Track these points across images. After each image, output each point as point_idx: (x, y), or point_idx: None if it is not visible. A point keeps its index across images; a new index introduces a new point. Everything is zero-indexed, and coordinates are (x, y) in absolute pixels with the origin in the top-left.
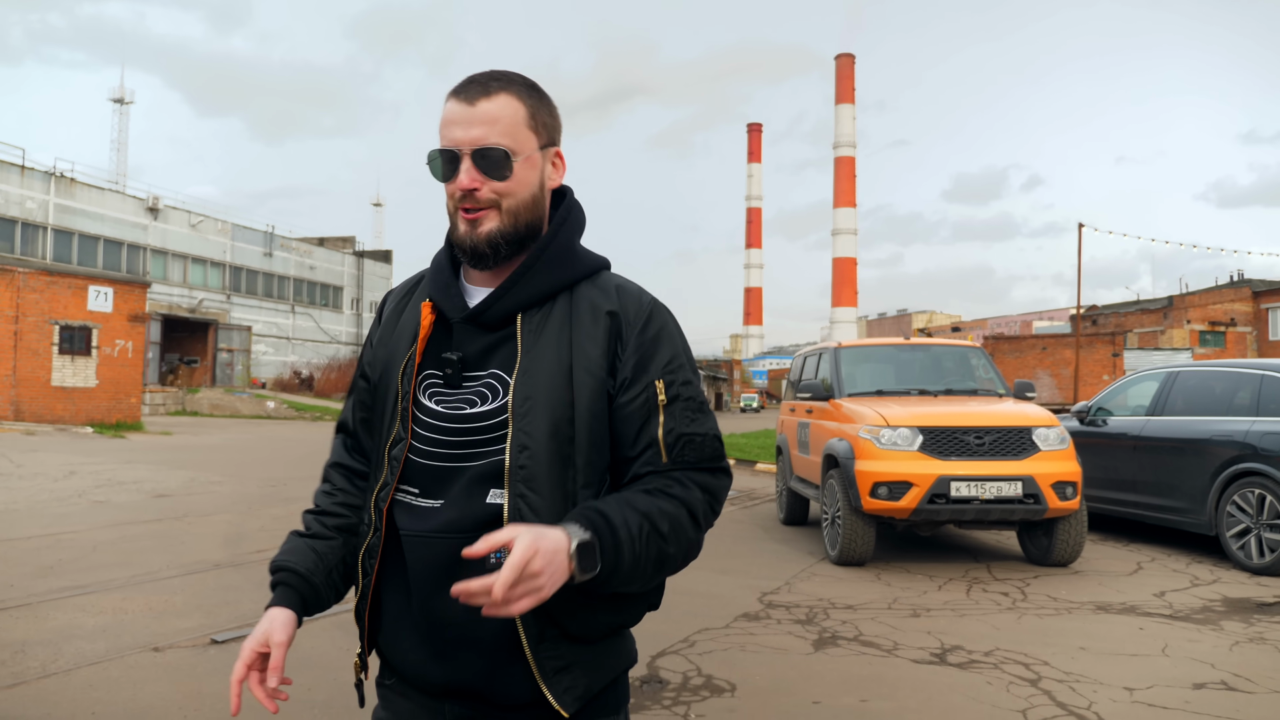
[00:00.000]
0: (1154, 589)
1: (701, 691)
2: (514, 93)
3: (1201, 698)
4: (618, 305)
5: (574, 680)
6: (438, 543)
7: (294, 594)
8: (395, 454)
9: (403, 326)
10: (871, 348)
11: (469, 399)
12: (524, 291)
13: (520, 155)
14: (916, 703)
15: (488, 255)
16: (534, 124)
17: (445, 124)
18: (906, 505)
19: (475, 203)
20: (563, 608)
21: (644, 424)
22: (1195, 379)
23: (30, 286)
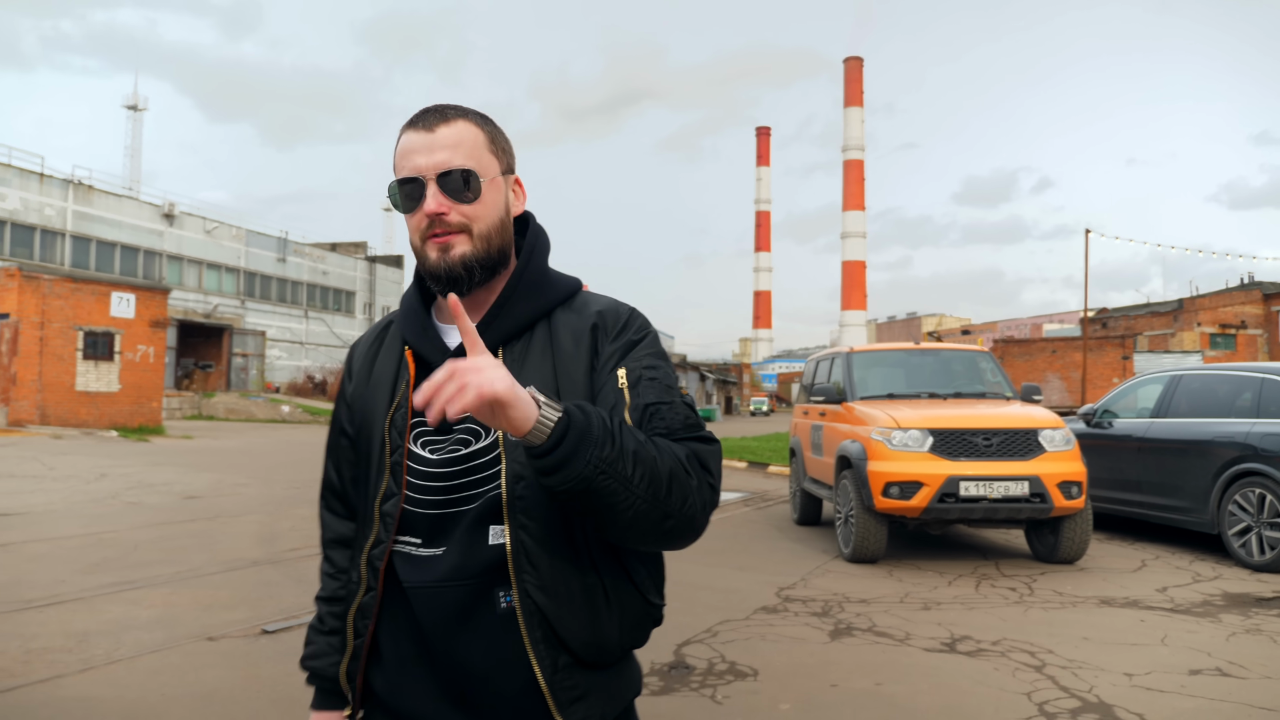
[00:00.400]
0: (1156, 584)
1: (726, 676)
2: (471, 119)
3: (1196, 682)
4: (596, 319)
5: (589, 710)
6: (446, 592)
7: (332, 697)
8: (388, 509)
9: (377, 377)
10: (882, 352)
11: (462, 440)
12: (503, 325)
13: (485, 177)
14: (928, 686)
15: (462, 278)
16: (494, 149)
17: (404, 154)
18: (917, 504)
19: (445, 226)
20: (571, 629)
21: (610, 411)
22: (1198, 382)
23: (55, 293)
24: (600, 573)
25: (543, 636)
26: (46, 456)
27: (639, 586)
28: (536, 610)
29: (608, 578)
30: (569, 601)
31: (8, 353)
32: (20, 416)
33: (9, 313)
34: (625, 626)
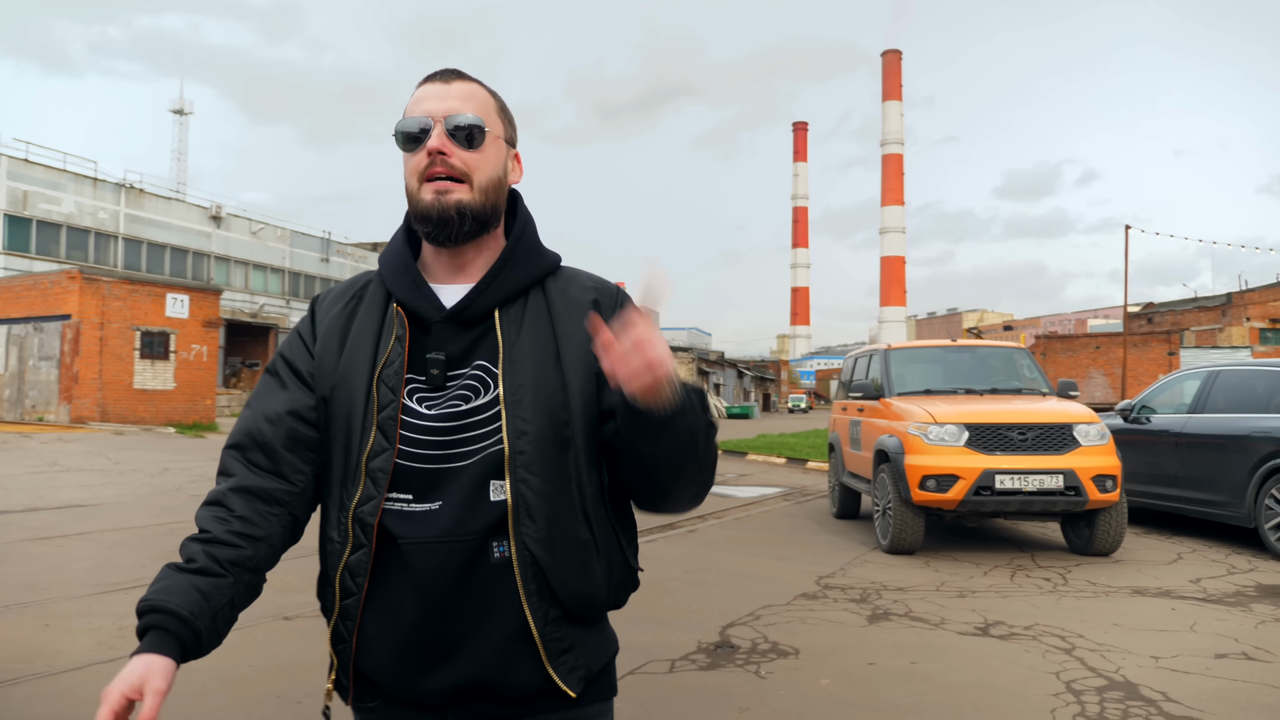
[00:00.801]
0: (1190, 576)
1: (769, 655)
2: (484, 86)
3: (1220, 665)
4: (595, 294)
5: (576, 661)
6: (444, 548)
7: (172, 640)
8: (378, 465)
9: (357, 336)
10: (920, 349)
11: (461, 396)
12: (502, 287)
13: (492, 133)
14: (961, 665)
15: (454, 221)
16: (501, 116)
17: (416, 101)
18: (953, 497)
19: (447, 168)
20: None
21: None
22: (1236, 378)
23: (114, 295)
24: (593, 530)
25: (536, 589)
26: (111, 452)
27: (623, 548)
28: (533, 562)
29: (599, 535)
30: (564, 555)
31: (70, 352)
32: (82, 414)
33: (71, 314)
34: (612, 584)
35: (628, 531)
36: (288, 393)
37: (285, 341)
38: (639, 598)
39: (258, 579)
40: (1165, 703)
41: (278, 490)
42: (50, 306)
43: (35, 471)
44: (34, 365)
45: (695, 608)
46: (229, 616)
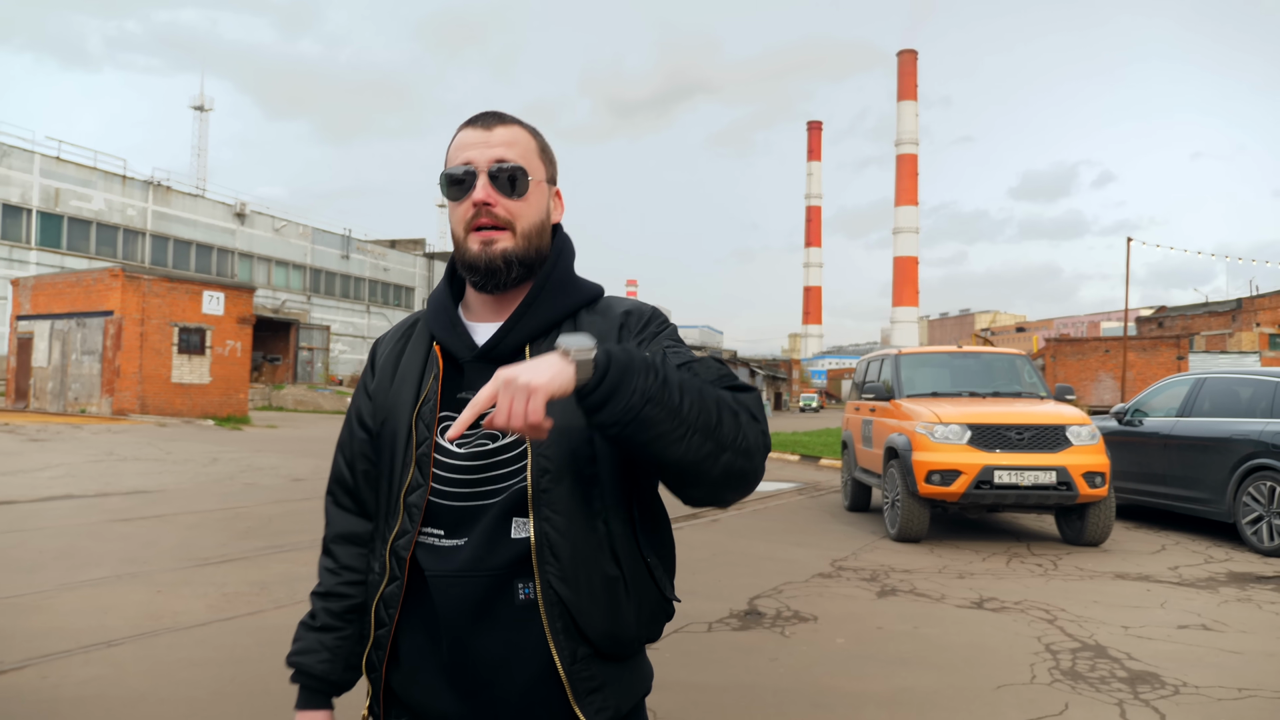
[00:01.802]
0: (1170, 564)
1: (791, 620)
2: (525, 127)
3: (1180, 633)
4: (622, 319)
5: (605, 701)
6: (467, 581)
7: (320, 695)
8: (414, 500)
9: (403, 372)
10: (928, 354)
11: (489, 435)
12: (531, 323)
13: (534, 178)
14: (956, 630)
15: (501, 271)
16: (543, 157)
17: (459, 148)
18: (956, 490)
19: (491, 218)
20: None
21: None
22: (1221, 384)
23: (154, 292)
24: (621, 565)
25: (563, 627)
26: (159, 443)
27: (656, 579)
28: (558, 601)
29: (628, 570)
30: (590, 593)
31: (112, 347)
32: (123, 406)
33: (113, 310)
34: (643, 619)
35: (664, 562)
36: (357, 438)
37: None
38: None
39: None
40: (1128, 660)
41: (364, 530)
42: (93, 303)
43: (96, 460)
44: (76, 359)
45: (724, 583)
46: (358, 651)
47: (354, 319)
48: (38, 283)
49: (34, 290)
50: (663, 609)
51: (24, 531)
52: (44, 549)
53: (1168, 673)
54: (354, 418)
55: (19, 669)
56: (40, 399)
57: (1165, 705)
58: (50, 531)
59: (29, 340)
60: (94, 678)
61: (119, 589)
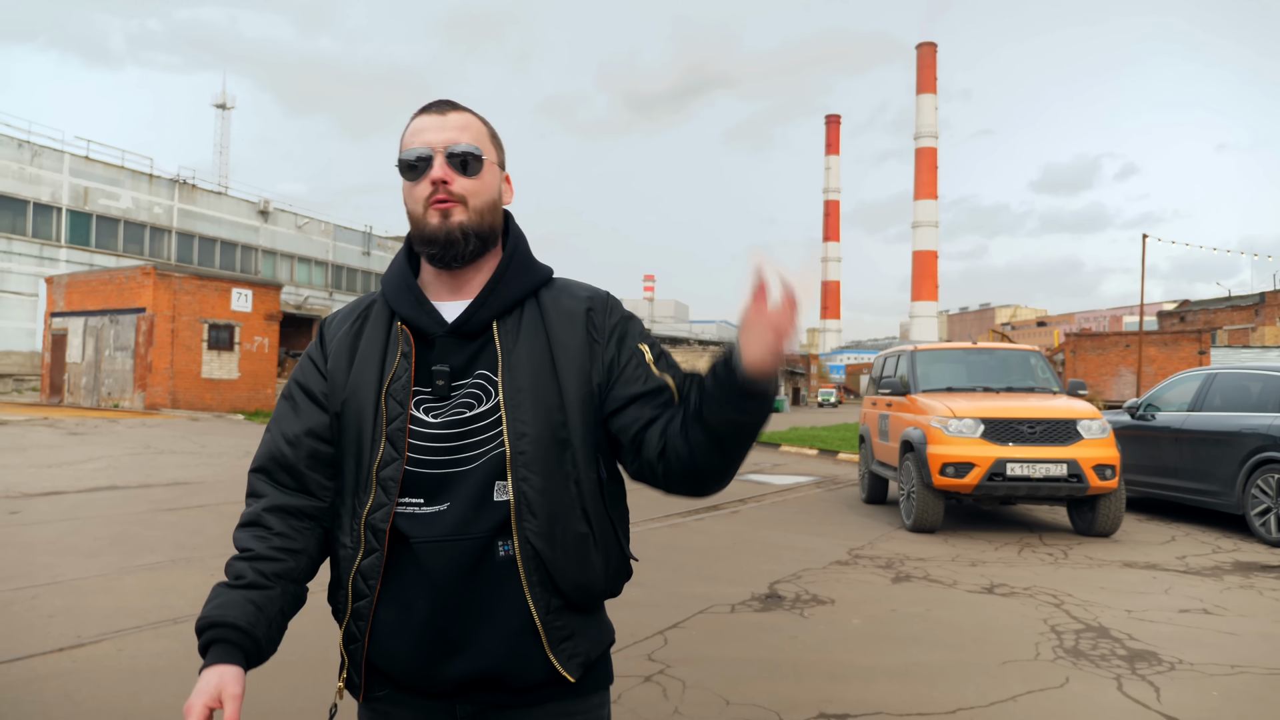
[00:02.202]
0: (1178, 554)
1: (810, 603)
2: (475, 114)
3: (1181, 617)
4: (588, 302)
5: (576, 648)
6: (455, 545)
7: (236, 650)
8: (389, 474)
9: (364, 353)
10: (943, 350)
11: (465, 403)
12: (498, 300)
13: (487, 159)
14: (967, 612)
15: (459, 242)
16: (493, 142)
17: (414, 132)
18: (970, 482)
19: (448, 195)
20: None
21: (646, 377)
22: (1231, 380)
23: (184, 289)
24: (591, 523)
25: (539, 580)
26: (193, 436)
27: (620, 538)
28: (535, 555)
29: (597, 527)
30: (564, 548)
31: (144, 343)
32: (155, 401)
33: (145, 307)
34: (609, 574)
35: (623, 523)
36: (303, 415)
37: (297, 366)
38: (699, 560)
39: (301, 589)
40: (1129, 641)
41: (307, 506)
42: (126, 300)
43: (134, 453)
44: (110, 355)
45: (745, 569)
46: (280, 625)
47: None
48: (71, 280)
49: (68, 288)
50: (624, 567)
51: (77, 520)
52: (99, 536)
53: (1165, 651)
54: (301, 395)
55: (96, 643)
56: (74, 394)
57: (1160, 680)
58: (102, 520)
59: (63, 336)
60: (165, 650)
61: (175, 572)
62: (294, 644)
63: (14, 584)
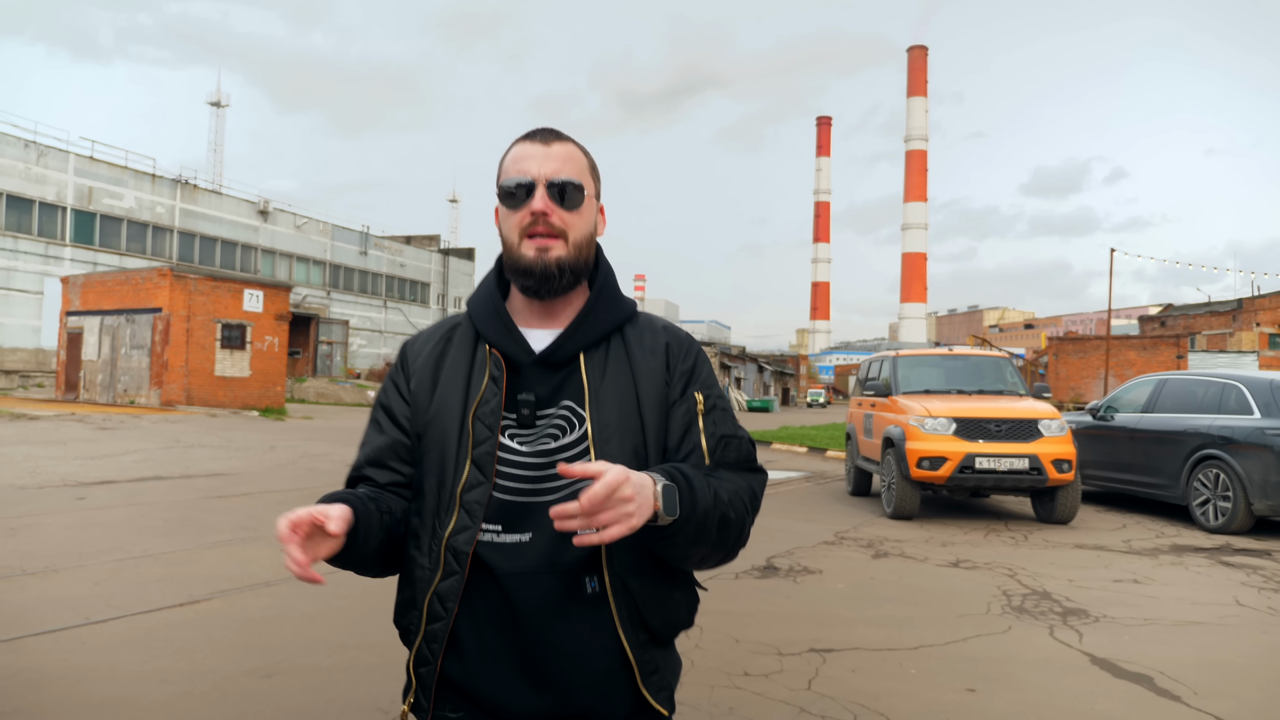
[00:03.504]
0: (1125, 538)
1: (801, 573)
2: (577, 144)
3: (1114, 585)
4: (667, 340)
5: (663, 681)
6: (542, 579)
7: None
8: (474, 497)
9: (449, 376)
10: (923, 356)
11: (550, 434)
12: (587, 333)
13: (587, 192)
14: (933, 580)
15: (555, 277)
16: (593, 174)
17: (517, 159)
18: (943, 474)
19: (547, 227)
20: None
21: (686, 430)
22: (1179, 385)
23: (199, 290)
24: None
25: (629, 615)
26: (216, 431)
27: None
28: (625, 590)
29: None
30: (652, 585)
31: (160, 342)
32: (170, 398)
33: (161, 307)
34: (687, 608)
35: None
36: (385, 436)
37: (381, 389)
38: None
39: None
40: (1065, 601)
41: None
42: (142, 300)
43: (167, 447)
44: (126, 353)
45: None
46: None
47: (372, 314)
48: (87, 280)
49: (83, 288)
50: (696, 599)
51: (140, 505)
52: (166, 519)
53: (1094, 609)
54: (384, 418)
55: (208, 600)
56: (90, 390)
57: (1084, 628)
58: (162, 506)
59: (79, 335)
60: (268, 605)
61: (249, 549)
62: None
63: (115, 556)
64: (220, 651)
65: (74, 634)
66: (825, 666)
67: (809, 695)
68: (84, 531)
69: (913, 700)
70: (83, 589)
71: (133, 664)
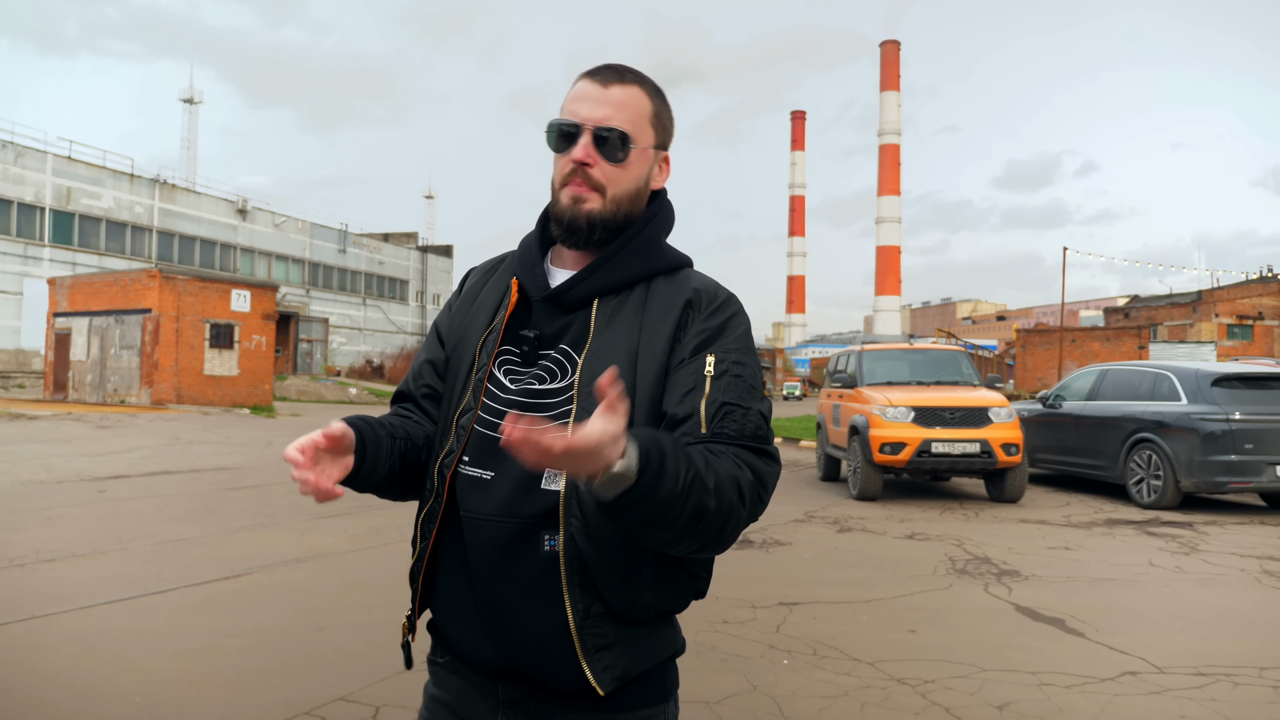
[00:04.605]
0: (1066, 514)
1: (774, 545)
2: (644, 88)
3: (1047, 552)
4: (692, 295)
5: (614, 659)
6: (493, 526)
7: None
8: (464, 423)
9: (482, 301)
10: (887, 351)
11: (539, 375)
12: (605, 278)
13: (637, 145)
14: (889, 549)
15: (583, 230)
16: (656, 122)
17: (572, 99)
18: (902, 458)
19: (586, 178)
20: (607, 580)
21: (687, 393)
22: (1119, 375)
23: (188, 290)
24: None
25: (579, 581)
26: (213, 429)
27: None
28: (578, 555)
29: None
30: (610, 552)
31: (150, 342)
32: (160, 396)
33: (151, 308)
34: (661, 587)
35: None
36: (429, 350)
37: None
38: None
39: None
40: (1002, 564)
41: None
42: (131, 301)
43: (168, 444)
44: (115, 353)
45: None
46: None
47: (351, 311)
48: (75, 282)
49: (71, 289)
50: (689, 584)
51: (159, 497)
52: (189, 509)
53: (1025, 570)
54: (434, 334)
55: (249, 574)
56: (79, 390)
57: (1014, 584)
58: (181, 497)
59: (67, 335)
60: (304, 576)
61: (272, 533)
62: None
63: (152, 540)
64: (274, 612)
65: (141, 602)
66: (791, 615)
67: (777, 636)
68: (115, 520)
69: (863, 639)
70: (133, 567)
71: (202, 623)
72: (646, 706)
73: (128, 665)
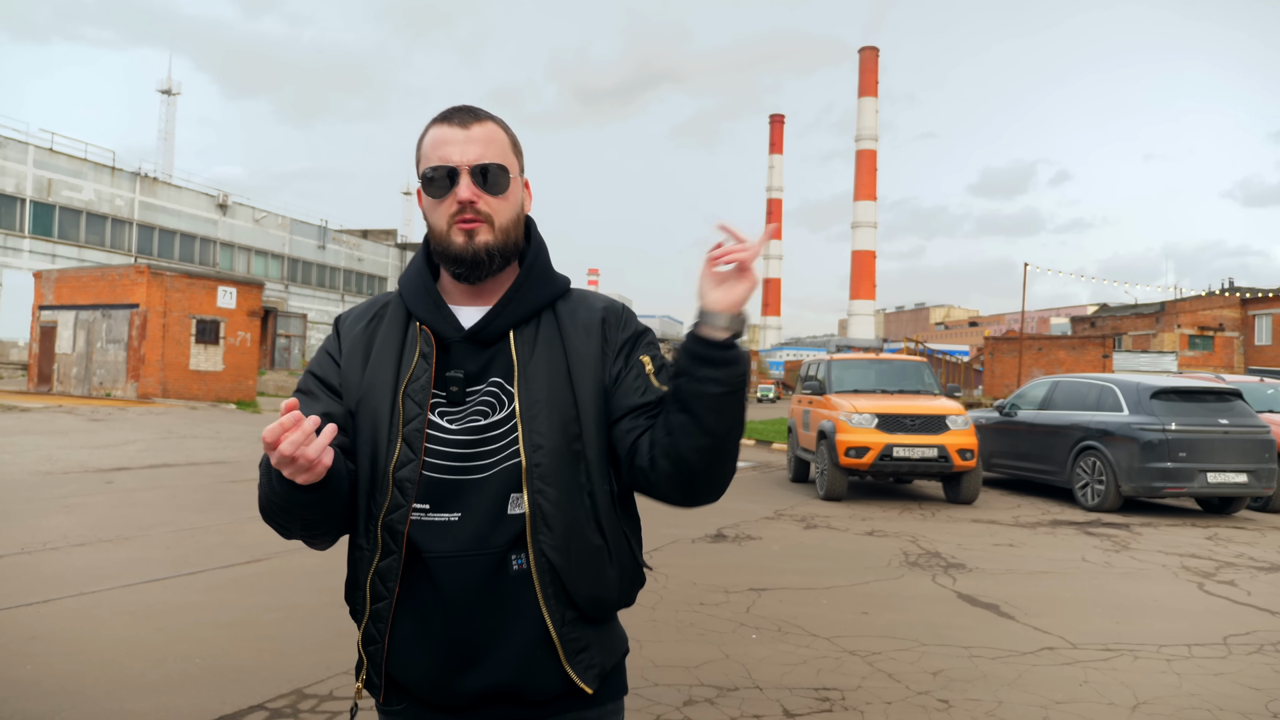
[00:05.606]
0: (1015, 515)
1: (745, 539)
2: (496, 122)
3: (992, 548)
4: (603, 314)
5: (592, 659)
6: (468, 561)
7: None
8: (405, 475)
9: (380, 352)
10: (854, 360)
11: (479, 411)
12: (516, 310)
13: (511, 174)
14: (850, 544)
15: (484, 263)
16: (515, 150)
17: (436, 145)
18: (866, 461)
19: (475, 214)
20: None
21: (645, 388)
22: (1069, 385)
23: (174, 287)
24: (605, 535)
25: (554, 593)
26: (203, 423)
27: (633, 548)
28: (550, 568)
29: (611, 539)
30: (579, 561)
31: (137, 337)
32: (147, 391)
33: (139, 303)
34: (623, 585)
35: (635, 533)
36: (321, 403)
37: (313, 360)
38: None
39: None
40: (950, 558)
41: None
42: (118, 296)
43: (162, 438)
44: (101, 347)
45: (698, 521)
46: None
47: (330, 307)
48: (61, 275)
49: (57, 282)
50: (638, 576)
51: (165, 489)
52: (196, 500)
53: (971, 564)
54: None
55: (268, 559)
56: (64, 383)
57: (959, 575)
58: (187, 489)
59: (52, 329)
60: (320, 561)
61: None
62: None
63: (170, 528)
64: (299, 591)
65: (176, 582)
66: (760, 599)
67: (747, 615)
68: (129, 509)
69: (821, 619)
70: (159, 551)
71: (236, 600)
72: (610, 700)
73: (179, 634)
